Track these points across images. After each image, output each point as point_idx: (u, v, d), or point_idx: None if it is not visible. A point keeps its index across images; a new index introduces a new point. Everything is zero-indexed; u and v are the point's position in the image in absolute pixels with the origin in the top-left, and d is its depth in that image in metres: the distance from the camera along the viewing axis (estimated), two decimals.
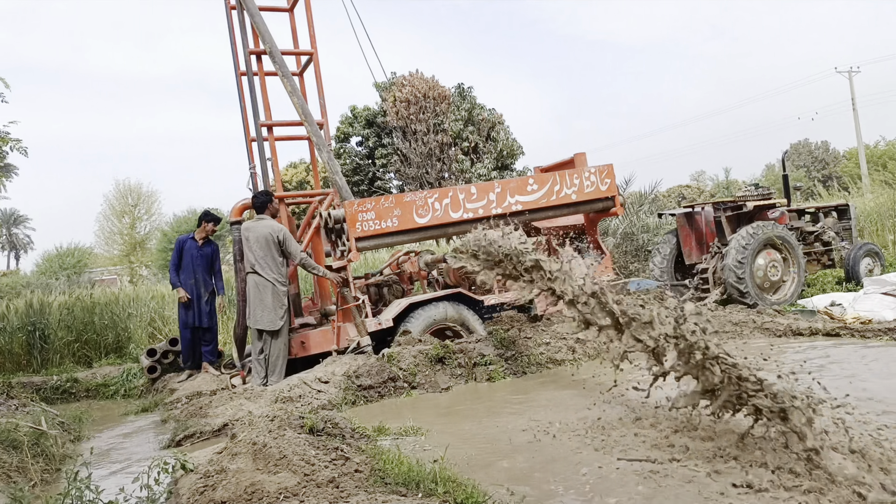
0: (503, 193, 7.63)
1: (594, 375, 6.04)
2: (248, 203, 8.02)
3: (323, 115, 8.33)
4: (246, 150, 8.34)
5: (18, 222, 69.29)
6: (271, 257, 6.95)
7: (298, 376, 6.37)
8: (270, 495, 3.22)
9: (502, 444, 4.27)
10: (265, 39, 7.66)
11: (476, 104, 33.10)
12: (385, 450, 4.04)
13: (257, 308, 6.94)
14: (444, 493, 3.23)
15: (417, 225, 7.19)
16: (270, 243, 6.95)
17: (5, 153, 9.69)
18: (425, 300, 7.31)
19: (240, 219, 8.06)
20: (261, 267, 6.95)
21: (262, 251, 6.95)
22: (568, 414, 4.91)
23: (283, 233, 7.01)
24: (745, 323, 7.50)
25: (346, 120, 34.27)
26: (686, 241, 10.13)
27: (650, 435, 4.06)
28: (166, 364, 8.91)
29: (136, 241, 39.25)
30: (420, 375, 6.24)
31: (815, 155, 54.44)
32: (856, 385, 4.68)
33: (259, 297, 6.94)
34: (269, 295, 6.90)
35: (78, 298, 12.18)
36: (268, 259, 6.94)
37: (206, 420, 5.93)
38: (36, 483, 4.42)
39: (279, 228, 7.04)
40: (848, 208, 11.01)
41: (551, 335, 6.98)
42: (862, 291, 8.21)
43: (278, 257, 7.00)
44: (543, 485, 3.49)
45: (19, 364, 10.54)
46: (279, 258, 7.02)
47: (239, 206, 8.09)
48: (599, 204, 8.32)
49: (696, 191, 42.66)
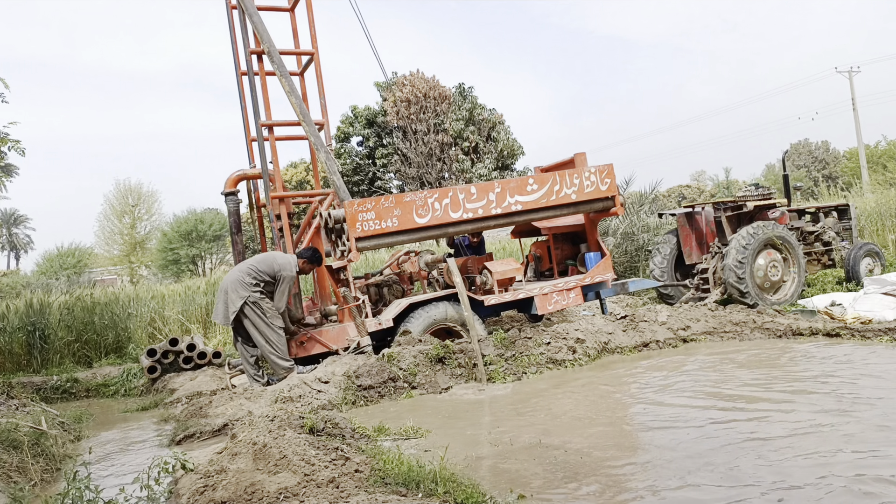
0: (503, 193, 7.63)
1: (595, 376, 6.05)
2: (243, 175, 8.18)
3: (323, 114, 8.33)
4: (246, 149, 8.35)
5: (18, 222, 69.30)
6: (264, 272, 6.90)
7: (298, 376, 6.37)
8: (270, 495, 3.22)
9: (503, 444, 4.27)
10: (263, 39, 7.66)
11: (477, 104, 33.10)
12: (385, 450, 4.04)
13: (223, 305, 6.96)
14: (445, 494, 3.23)
15: (417, 225, 7.18)
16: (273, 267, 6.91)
17: (4, 154, 9.68)
18: (425, 300, 7.31)
19: (233, 190, 8.11)
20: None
21: (262, 264, 6.93)
22: (568, 413, 4.92)
23: (289, 272, 6.93)
24: (745, 323, 7.50)
25: (346, 120, 34.27)
26: (686, 241, 10.13)
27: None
28: (166, 364, 8.91)
29: (137, 241, 39.25)
30: (420, 375, 6.23)
31: (815, 155, 54.41)
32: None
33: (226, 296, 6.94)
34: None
35: (78, 298, 12.17)
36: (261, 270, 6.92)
37: (207, 420, 5.94)
38: (36, 483, 4.42)
39: (292, 267, 6.99)
40: (848, 208, 11.01)
41: (551, 335, 6.98)
42: (862, 291, 8.20)
43: (266, 278, 6.91)
44: (544, 485, 3.49)
45: (19, 364, 10.53)
46: (267, 279, 6.91)
47: (234, 177, 8.14)
48: (599, 204, 8.31)
49: (696, 191, 42.68)
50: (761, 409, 4.47)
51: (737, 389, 5.09)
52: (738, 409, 4.54)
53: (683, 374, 5.94)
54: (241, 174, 8.21)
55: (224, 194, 8.17)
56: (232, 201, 8.11)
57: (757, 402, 4.69)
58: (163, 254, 38.87)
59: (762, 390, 4.99)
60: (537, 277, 9.59)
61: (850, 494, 2.97)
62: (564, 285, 8.13)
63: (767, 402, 4.66)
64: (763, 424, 4.14)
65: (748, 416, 4.34)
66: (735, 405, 4.65)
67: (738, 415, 4.42)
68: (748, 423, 4.19)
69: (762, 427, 4.09)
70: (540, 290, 7.93)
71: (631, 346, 7.11)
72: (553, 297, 7.99)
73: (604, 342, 7.08)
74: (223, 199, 8.25)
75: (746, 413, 4.43)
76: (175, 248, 38.25)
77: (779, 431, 3.96)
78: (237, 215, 8.21)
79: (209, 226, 38.91)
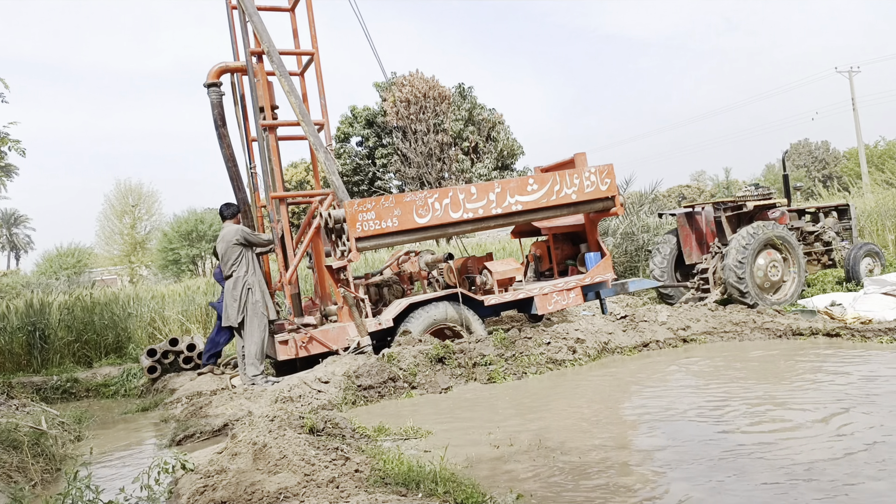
0: (503, 193, 7.63)
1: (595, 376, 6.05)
2: (227, 67, 8.03)
3: (324, 114, 8.33)
4: (246, 149, 8.33)
5: (18, 222, 69.32)
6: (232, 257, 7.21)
7: (298, 376, 6.36)
8: (270, 495, 3.22)
9: (503, 445, 4.27)
10: (263, 39, 7.66)
11: (476, 104, 33.12)
12: (385, 450, 4.04)
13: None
14: (445, 494, 3.23)
15: (417, 225, 7.18)
16: (231, 244, 7.21)
17: (4, 153, 9.67)
18: (425, 300, 7.31)
19: (216, 81, 7.96)
20: (229, 268, 7.24)
21: (228, 253, 7.22)
22: (568, 414, 4.92)
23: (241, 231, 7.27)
24: (745, 323, 7.50)
25: (346, 120, 34.28)
26: (686, 241, 10.12)
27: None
28: (166, 364, 8.91)
29: (137, 241, 39.28)
30: (420, 375, 6.23)
31: (815, 155, 54.43)
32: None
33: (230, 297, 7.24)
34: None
35: (78, 298, 12.18)
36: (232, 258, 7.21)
37: (207, 420, 5.94)
38: (36, 483, 4.42)
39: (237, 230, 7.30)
40: (848, 208, 11.00)
41: (551, 335, 6.98)
42: (862, 291, 8.20)
43: (235, 256, 7.21)
44: (544, 485, 3.49)
45: (19, 364, 10.53)
46: (235, 256, 7.22)
47: (216, 68, 7.98)
48: (599, 204, 8.32)
49: (696, 191, 42.69)
50: (762, 409, 4.47)
51: (737, 390, 5.09)
52: (739, 409, 4.54)
53: (683, 374, 5.94)
54: (224, 66, 8.04)
55: (206, 85, 7.99)
56: (214, 92, 7.91)
57: (757, 401, 4.69)
58: (163, 254, 38.87)
59: (762, 390, 4.99)
60: (537, 277, 9.59)
61: (854, 492, 2.97)
62: (564, 285, 8.13)
63: (767, 401, 4.66)
64: (764, 425, 4.14)
65: (748, 416, 4.35)
66: (735, 405, 4.65)
67: (739, 415, 4.42)
68: (748, 423, 4.19)
69: (762, 427, 4.09)
70: (540, 290, 7.93)
71: (631, 346, 7.11)
72: (553, 297, 7.99)
73: (604, 342, 7.08)
74: (206, 91, 8.01)
75: (747, 413, 4.43)
76: (175, 248, 38.25)
77: (779, 431, 3.96)
78: (220, 107, 8.01)
79: (209, 226, 38.89)
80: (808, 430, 3.94)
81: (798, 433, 3.90)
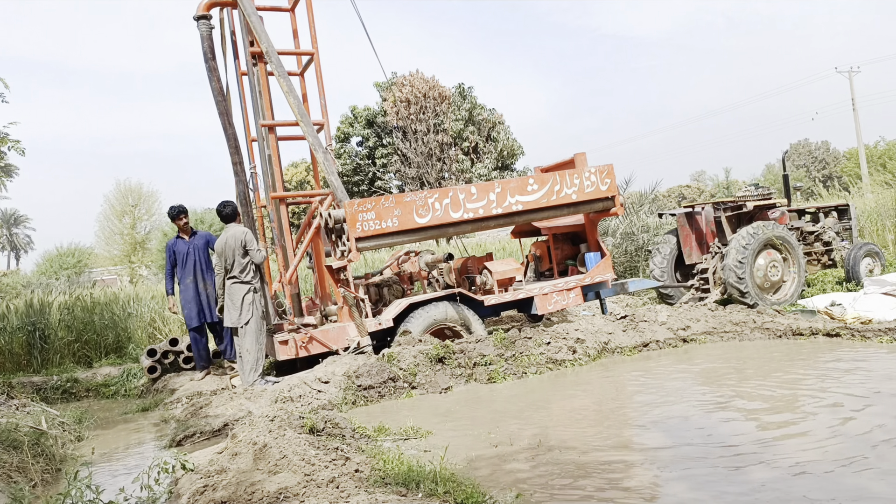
0: (503, 193, 7.63)
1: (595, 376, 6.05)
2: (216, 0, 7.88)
3: (324, 115, 8.33)
4: (247, 149, 8.34)
5: (18, 222, 69.34)
6: (238, 260, 7.15)
7: (298, 376, 6.37)
8: (270, 495, 3.22)
9: (503, 444, 4.27)
10: (262, 39, 7.66)
11: (476, 104, 33.12)
12: (385, 450, 4.04)
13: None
14: (445, 494, 3.23)
15: (417, 225, 7.18)
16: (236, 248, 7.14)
17: (4, 153, 9.67)
18: (425, 300, 7.31)
19: (206, 14, 7.87)
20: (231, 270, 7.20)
21: (233, 254, 7.15)
22: (568, 413, 4.92)
23: (246, 238, 7.17)
24: (744, 323, 7.50)
25: (346, 120, 34.29)
26: (686, 241, 10.12)
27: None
28: (166, 364, 8.90)
29: (137, 241, 39.26)
30: (420, 375, 6.23)
31: (815, 155, 54.43)
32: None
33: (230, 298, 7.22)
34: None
35: (78, 298, 12.17)
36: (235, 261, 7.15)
37: (207, 420, 5.94)
38: (36, 483, 4.42)
39: (243, 233, 7.21)
40: (848, 208, 11.00)
41: (551, 335, 6.98)
42: (862, 291, 8.21)
43: (242, 259, 7.14)
44: (544, 485, 3.49)
45: (19, 364, 10.52)
46: (242, 260, 7.16)
47: (206, 2, 7.89)
48: (599, 204, 8.32)
49: (696, 191, 42.70)
50: (762, 409, 4.47)
51: (737, 389, 5.09)
52: (739, 409, 4.54)
53: (683, 374, 5.94)
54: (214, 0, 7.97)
55: (196, 18, 7.91)
56: (204, 25, 7.85)
57: (757, 401, 4.69)
58: (163, 254, 38.79)
59: (762, 390, 4.99)
60: (537, 277, 9.59)
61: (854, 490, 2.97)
62: (564, 285, 8.13)
63: (768, 401, 4.66)
64: (764, 424, 4.15)
65: (749, 416, 4.35)
66: (735, 405, 4.66)
67: (739, 415, 4.42)
68: (749, 423, 4.20)
69: (763, 427, 4.09)
70: (540, 290, 7.93)
71: (631, 346, 7.11)
72: (553, 297, 8.00)
73: (604, 342, 7.08)
74: (195, 24, 7.91)
75: (747, 413, 4.43)
76: None
77: (780, 431, 3.96)
78: (210, 40, 7.96)
79: (209, 226, 38.89)
80: (808, 430, 3.94)
81: (798, 433, 3.90)
